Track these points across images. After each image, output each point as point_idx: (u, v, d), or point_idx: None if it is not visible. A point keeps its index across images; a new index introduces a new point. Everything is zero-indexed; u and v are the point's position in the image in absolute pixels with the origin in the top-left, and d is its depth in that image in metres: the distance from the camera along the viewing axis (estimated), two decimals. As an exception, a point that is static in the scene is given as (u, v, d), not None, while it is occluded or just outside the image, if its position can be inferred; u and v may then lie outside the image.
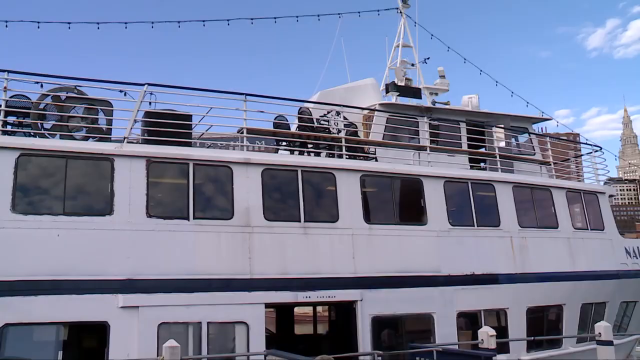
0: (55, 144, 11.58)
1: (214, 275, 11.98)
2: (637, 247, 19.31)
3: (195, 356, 11.26)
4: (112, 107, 12.62)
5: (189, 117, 13.34)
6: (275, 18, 22.76)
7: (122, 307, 11.04)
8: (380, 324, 13.58)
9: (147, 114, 12.85)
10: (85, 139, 12.17)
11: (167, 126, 12.57)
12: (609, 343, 12.79)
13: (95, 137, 12.23)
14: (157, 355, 10.28)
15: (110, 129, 12.60)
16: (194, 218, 12.11)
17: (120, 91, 12.69)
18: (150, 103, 13.02)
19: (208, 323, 11.66)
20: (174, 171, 12.48)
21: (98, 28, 19.27)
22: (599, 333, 12.91)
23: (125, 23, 19.75)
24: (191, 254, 11.89)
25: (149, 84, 12.65)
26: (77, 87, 12.51)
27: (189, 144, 12.96)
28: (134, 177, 11.76)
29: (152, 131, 12.56)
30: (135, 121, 12.55)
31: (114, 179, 11.61)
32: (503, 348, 14.34)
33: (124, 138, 12.16)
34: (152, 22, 20.22)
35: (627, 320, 19.29)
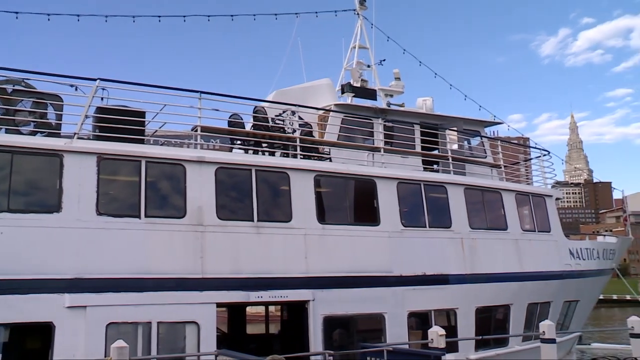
0: (1, 138, 11.21)
1: (165, 274, 11.83)
2: (580, 249, 19.95)
3: (144, 357, 11.09)
4: (62, 101, 12.32)
5: (142, 114, 13.11)
6: (232, 16, 22.62)
7: (68, 306, 10.78)
8: (331, 323, 13.64)
9: (99, 110, 12.58)
10: (33, 133, 11.84)
11: (119, 122, 12.34)
12: (552, 341, 13.15)
13: (44, 132, 11.91)
14: (105, 356, 10.08)
15: (60, 124, 12.29)
16: (146, 216, 11.92)
17: (71, 86, 12.38)
18: (102, 99, 12.76)
19: (158, 323, 11.49)
20: (126, 168, 12.26)
21: (49, 19, 18.77)
22: (543, 332, 13.27)
23: (78, 15, 19.31)
24: (142, 253, 11.70)
25: (101, 79, 12.39)
26: (25, 80, 12.15)
27: (141, 141, 12.75)
28: (83, 173, 11.49)
29: (103, 127, 12.31)
30: (86, 117, 12.27)
31: (62, 175, 11.32)
32: (452, 347, 14.58)
33: (74, 134, 11.87)
34: (106, 16, 19.81)
35: (569, 319, 19.92)
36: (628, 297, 76.75)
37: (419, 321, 15.20)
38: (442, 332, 11.86)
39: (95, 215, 11.42)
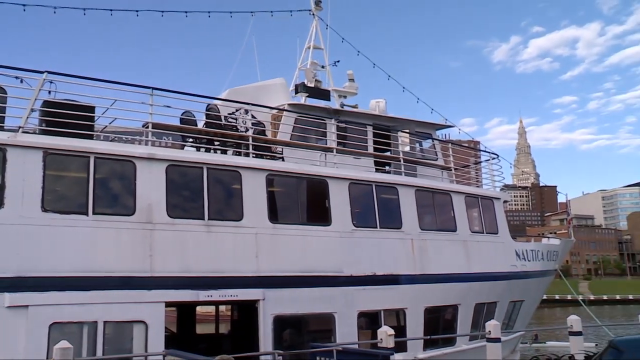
0: (-59, 131, 10.79)
1: (113, 272, 11.59)
2: (526, 250, 20.48)
3: (89, 357, 10.83)
4: (6, 94, 11.93)
5: (91, 109, 12.81)
6: (186, 12, 22.31)
7: (8, 306, 10.42)
8: (282, 323, 13.63)
9: (46, 104, 12.23)
10: (-25, 127, 11.43)
11: (67, 117, 12.00)
12: (497, 340, 13.47)
13: (-14, 125, 11.51)
14: (47, 358, 9.81)
15: (4, 117, 11.89)
16: (94, 213, 11.66)
17: (16, 77, 12.00)
18: (49, 92, 12.40)
19: (104, 322, 11.25)
20: (74, 164, 11.96)
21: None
22: (489, 331, 13.57)
23: (24, 5, 18.68)
24: (89, 251, 11.43)
25: (49, 72, 12.05)
26: (-34, 71, 11.70)
27: (90, 137, 12.45)
28: (28, 169, 11.14)
29: (50, 122, 11.96)
30: (32, 110, 11.91)
31: (5, 170, 10.95)
32: (401, 347, 14.75)
33: (19, 127, 11.51)
34: (55, 7, 19.27)
35: (514, 319, 20.43)
36: (569, 297, 79.50)
37: (369, 321, 15.32)
38: (391, 332, 12.00)
39: (40, 211, 11.09)
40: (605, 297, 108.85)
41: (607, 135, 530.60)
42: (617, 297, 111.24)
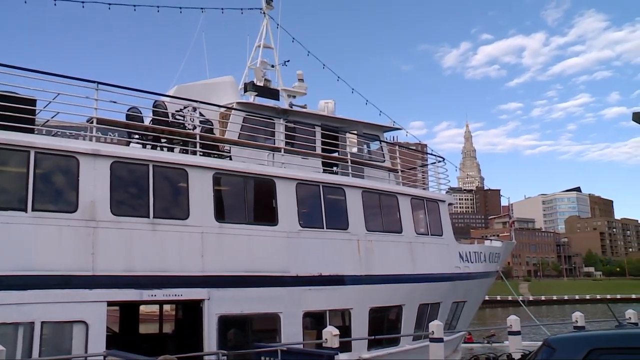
0: None
1: (52, 271, 11.25)
2: (469, 252, 20.93)
3: (23, 359, 10.47)
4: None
5: (32, 102, 12.41)
6: (134, 6, 21.86)
7: None
8: (227, 323, 13.54)
9: (-18, 95, 11.77)
10: None
11: (6, 110, 11.58)
12: (439, 340, 13.74)
13: None
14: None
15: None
16: (33, 210, 11.29)
17: None
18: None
19: (42, 323, 10.91)
20: (13, 159, 11.56)
21: None
22: (432, 331, 13.83)
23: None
24: (27, 249, 11.06)
25: (-15, 62, 11.61)
26: None
27: (31, 131, 12.06)
28: None
29: None
30: (-32, 102, 11.45)
31: None
32: (346, 347, 14.85)
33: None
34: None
35: (457, 319, 20.85)
36: (510, 298, 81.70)
37: (314, 321, 15.37)
38: (336, 332, 12.08)
39: None
40: (543, 298, 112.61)
41: (549, 142, 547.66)
42: (554, 297, 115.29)
